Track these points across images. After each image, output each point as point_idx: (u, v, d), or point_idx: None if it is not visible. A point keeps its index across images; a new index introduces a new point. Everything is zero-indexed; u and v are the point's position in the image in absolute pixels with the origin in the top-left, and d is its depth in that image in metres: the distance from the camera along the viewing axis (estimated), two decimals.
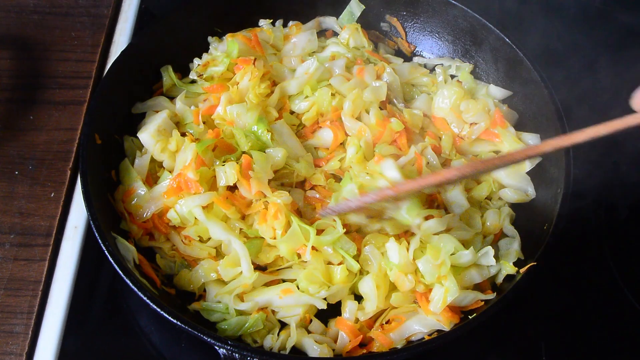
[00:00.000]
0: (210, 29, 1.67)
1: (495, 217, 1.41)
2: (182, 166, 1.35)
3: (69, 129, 1.56)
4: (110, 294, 1.38)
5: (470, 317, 1.25)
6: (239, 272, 1.30)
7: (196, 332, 1.13)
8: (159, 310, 1.14)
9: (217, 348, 1.15)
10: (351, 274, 1.31)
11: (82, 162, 1.30)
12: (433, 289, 1.28)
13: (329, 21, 1.75)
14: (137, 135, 1.44)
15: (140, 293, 1.15)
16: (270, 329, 1.28)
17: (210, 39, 1.66)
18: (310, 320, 1.30)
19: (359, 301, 1.32)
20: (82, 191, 1.27)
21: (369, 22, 1.75)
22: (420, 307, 1.28)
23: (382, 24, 1.77)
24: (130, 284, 1.16)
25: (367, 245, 1.34)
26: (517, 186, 1.48)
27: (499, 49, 1.58)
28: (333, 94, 1.50)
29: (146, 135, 1.41)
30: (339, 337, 1.27)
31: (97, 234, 1.21)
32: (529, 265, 1.25)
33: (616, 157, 1.62)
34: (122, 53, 1.50)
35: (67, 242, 1.40)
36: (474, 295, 1.28)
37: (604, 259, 1.46)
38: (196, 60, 1.61)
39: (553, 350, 1.34)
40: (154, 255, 1.36)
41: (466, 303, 1.28)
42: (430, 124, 1.57)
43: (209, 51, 1.64)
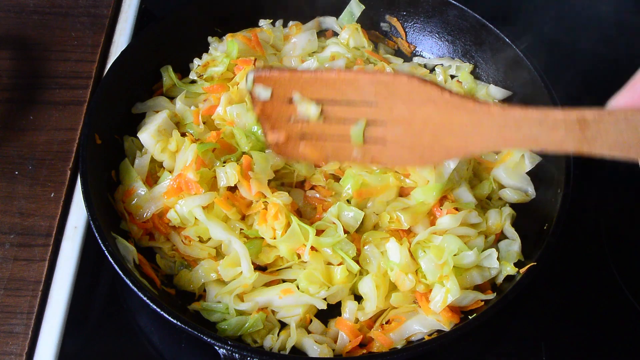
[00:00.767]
0: (210, 29, 1.67)
1: (497, 216, 1.41)
2: (183, 166, 1.35)
3: (69, 129, 1.56)
4: (110, 294, 1.38)
5: (470, 317, 1.25)
6: (239, 273, 1.29)
7: (196, 332, 1.13)
8: (159, 310, 1.14)
9: (217, 348, 1.15)
10: (351, 274, 1.31)
11: (82, 162, 1.30)
12: (433, 289, 1.28)
13: (329, 21, 1.75)
14: (137, 135, 1.44)
15: (140, 293, 1.15)
16: (270, 329, 1.28)
17: (210, 39, 1.66)
18: (310, 321, 1.30)
19: (359, 301, 1.32)
20: (82, 191, 1.27)
21: (369, 22, 1.75)
22: (420, 307, 1.28)
23: (382, 24, 1.77)
24: (130, 284, 1.16)
25: (366, 245, 1.34)
26: (517, 186, 1.48)
27: (499, 49, 1.58)
28: None
29: (146, 135, 1.41)
30: (339, 337, 1.27)
31: (97, 234, 1.21)
32: (529, 266, 1.25)
33: None
34: (122, 53, 1.50)
35: (67, 242, 1.40)
36: (474, 295, 1.28)
37: (604, 259, 1.46)
38: (196, 61, 1.61)
39: (553, 350, 1.34)
40: (154, 255, 1.36)
41: (466, 303, 1.28)
42: None
43: (209, 51, 1.64)
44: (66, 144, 1.53)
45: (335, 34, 1.73)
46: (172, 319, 1.13)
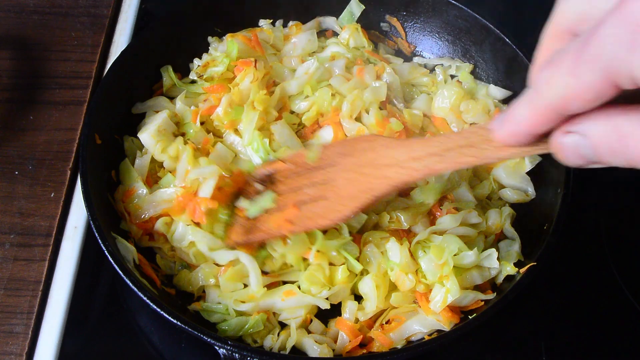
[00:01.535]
0: (210, 29, 1.67)
1: (497, 216, 1.41)
2: (184, 175, 1.35)
3: (69, 129, 1.56)
4: (110, 294, 1.38)
5: (470, 317, 1.25)
6: (241, 288, 1.29)
7: (196, 332, 1.13)
8: (159, 310, 1.14)
9: (217, 348, 1.15)
10: (352, 274, 1.31)
11: (82, 162, 1.30)
12: (433, 289, 1.28)
13: (329, 21, 1.75)
14: (138, 135, 1.43)
15: (140, 293, 1.15)
16: (270, 329, 1.28)
17: (210, 39, 1.66)
18: (311, 320, 1.30)
19: (359, 301, 1.32)
20: (82, 191, 1.26)
21: (369, 22, 1.75)
22: (420, 307, 1.28)
23: (382, 24, 1.77)
24: (130, 284, 1.16)
25: (367, 245, 1.34)
26: (517, 186, 1.48)
27: (499, 49, 1.58)
28: (333, 94, 1.50)
29: (146, 135, 1.41)
30: (339, 337, 1.27)
31: (97, 234, 1.21)
32: (529, 266, 1.25)
33: None
34: (122, 53, 1.50)
35: (67, 242, 1.40)
36: (474, 295, 1.28)
37: (604, 259, 1.46)
38: (196, 61, 1.61)
39: (553, 350, 1.34)
40: (154, 255, 1.36)
41: (466, 303, 1.28)
42: (430, 124, 1.57)
43: (209, 51, 1.64)
44: (66, 144, 1.53)
45: (335, 34, 1.73)
46: (172, 319, 1.13)
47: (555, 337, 1.36)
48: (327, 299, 1.28)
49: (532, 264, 1.25)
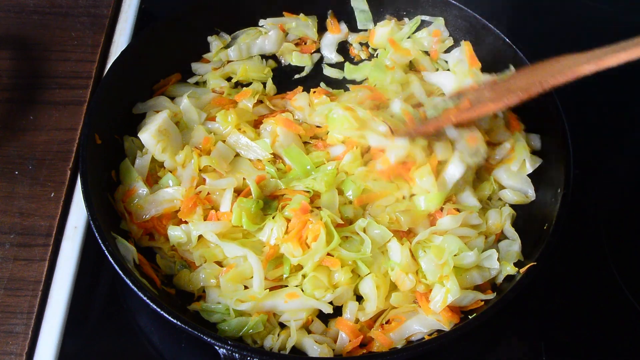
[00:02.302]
0: (210, 29, 1.67)
1: (497, 217, 1.41)
2: (190, 182, 1.37)
3: (69, 129, 1.56)
4: (110, 294, 1.38)
5: (470, 317, 1.25)
6: (242, 289, 1.29)
7: (196, 332, 1.13)
8: (159, 310, 1.14)
9: (217, 348, 1.15)
10: (354, 276, 1.31)
11: (82, 162, 1.30)
12: (433, 289, 1.28)
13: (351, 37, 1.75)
14: (138, 135, 1.43)
15: (140, 293, 1.15)
16: (270, 330, 1.28)
17: (210, 38, 1.66)
18: (312, 321, 1.30)
19: (359, 301, 1.32)
20: (82, 191, 1.27)
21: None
22: (420, 307, 1.28)
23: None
24: (130, 284, 1.16)
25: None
26: (517, 187, 1.48)
27: (499, 49, 1.58)
28: None
29: (147, 135, 1.41)
30: (339, 337, 1.27)
31: (97, 234, 1.21)
32: (529, 265, 1.25)
33: (616, 157, 1.62)
34: (122, 53, 1.50)
35: (67, 242, 1.40)
36: (474, 295, 1.28)
37: (604, 259, 1.46)
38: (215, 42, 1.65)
39: (553, 350, 1.34)
40: (154, 255, 1.36)
41: (466, 303, 1.28)
42: None
43: (210, 51, 1.64)
44: (66, 144, 1.53)
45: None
46: (172, 319, 1.13)
47: (555, 337, 1.36)
48: (330, 303, 1.28)
49: (532, 264, 1.25)
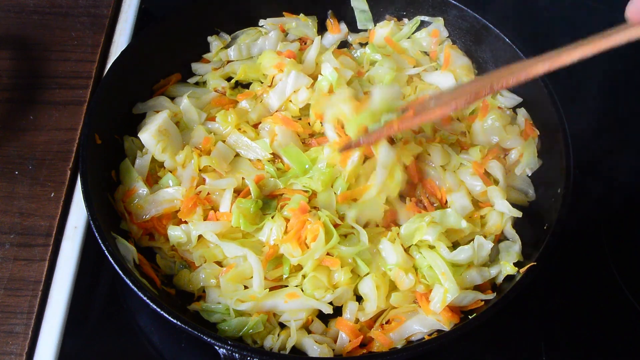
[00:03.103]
0: (210, 29, 1.67)
1: (497, 217, 1.41)
2: (191, 183, 1.37)
3: (69, 129, 1.56)
4: (110, 294, 1.38)
5: (470, 317, 1.25)
6: (242, 289, 1.29)
7: (196, 332, 1.13)
8: (159, 310, 1.14)
9: (217, 348, 1.15)
10: (354, 276, 1.31)
11: (82, 162, 1.30)
12: (433, 289, 1.28)
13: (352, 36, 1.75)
14: (138, 135, 1.43)
15: (140, 293, 1.15)
16: (270, 330, 1.28)
17: (210, 38, 1.66)
18: (312, 321, 1.30)
19: (359, 301, 1.32)
20: (82, 191, 1.27)
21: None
22: (420, 307, 1.28)
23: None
24: (130, 284, 1.16)
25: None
26: (517, 188, 1.48)
27: (499, 49, 1.58)
28: None
29: (147, 135, 1.41)
30: (339, 337, 1.27)
31: (97, 234, 1.21)
32: (529, 265, 1.25)
33: (616, 157, 1.62)
34: (122, 53, 1.50)
35: (67, 242, 1.40)
36: (473, 295, 1.28)
37: (604, 259, 1.46)
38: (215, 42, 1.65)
39: (553, 350, 1.34)
40: (154, 255, 1.36)
41: (466, 303, 1.28)
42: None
43: (210, 49, 1.65)
44: (66, 144, 1.53)
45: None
46: (172, 319, 1.13)
47: (555, 337, 1.36)
48: (330, 303, 1.28)
49: (532, 264, 1.25)
